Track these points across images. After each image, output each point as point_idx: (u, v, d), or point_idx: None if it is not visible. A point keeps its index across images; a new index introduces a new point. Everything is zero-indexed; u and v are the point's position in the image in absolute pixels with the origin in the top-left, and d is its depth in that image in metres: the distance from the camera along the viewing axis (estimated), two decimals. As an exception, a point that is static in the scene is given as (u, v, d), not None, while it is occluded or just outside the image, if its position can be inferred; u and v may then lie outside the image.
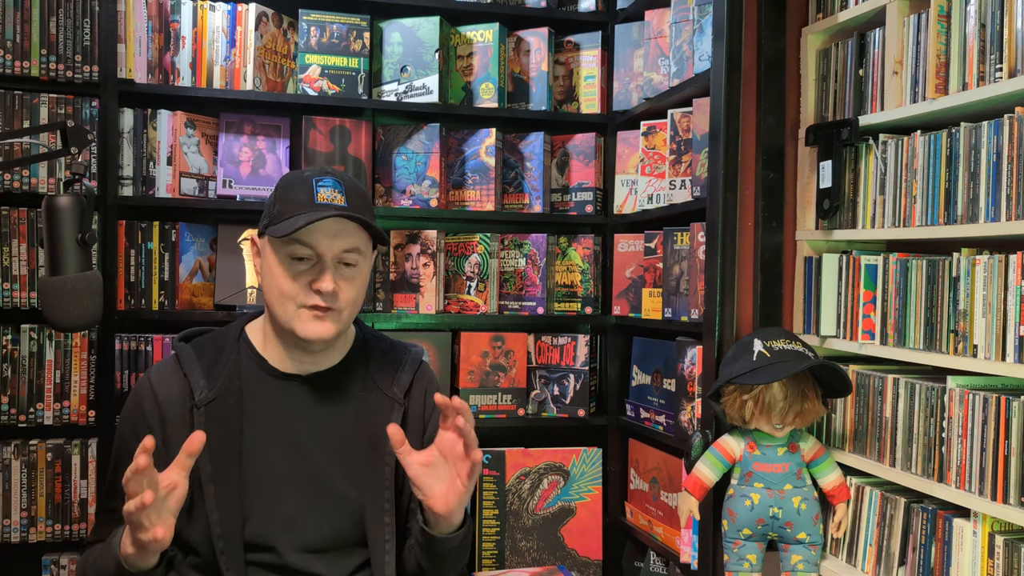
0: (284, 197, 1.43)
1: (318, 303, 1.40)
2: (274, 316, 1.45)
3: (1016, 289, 1.47)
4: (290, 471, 1.46)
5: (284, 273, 1.41)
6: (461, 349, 2.51)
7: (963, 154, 1.60)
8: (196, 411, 1.43)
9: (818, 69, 2.01)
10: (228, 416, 1.45)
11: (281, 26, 2.45)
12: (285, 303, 1.42)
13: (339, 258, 1.42)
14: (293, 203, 1.41)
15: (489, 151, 2.53)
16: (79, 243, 1.33)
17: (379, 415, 1.51)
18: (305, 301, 1.41)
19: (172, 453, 1.40)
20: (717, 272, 1.93)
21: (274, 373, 1.49)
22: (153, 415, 1.45)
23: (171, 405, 1.44)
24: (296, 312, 1.41)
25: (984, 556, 1.51)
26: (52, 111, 2.23)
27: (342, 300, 1.43)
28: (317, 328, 1.42)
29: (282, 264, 1.42)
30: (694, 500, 1.86)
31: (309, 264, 1.41)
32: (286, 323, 1.42)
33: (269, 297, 1.45)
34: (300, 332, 1.42)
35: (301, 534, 1.45)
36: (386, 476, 1.49)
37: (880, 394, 1.78)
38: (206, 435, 1.39)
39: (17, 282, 2.21)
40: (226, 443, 1.44)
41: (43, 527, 2.21)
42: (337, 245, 1.41)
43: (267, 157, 2.42)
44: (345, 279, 1.43)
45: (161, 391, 1.46)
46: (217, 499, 1.41)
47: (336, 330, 1.44)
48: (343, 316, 1.44)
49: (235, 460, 1.44)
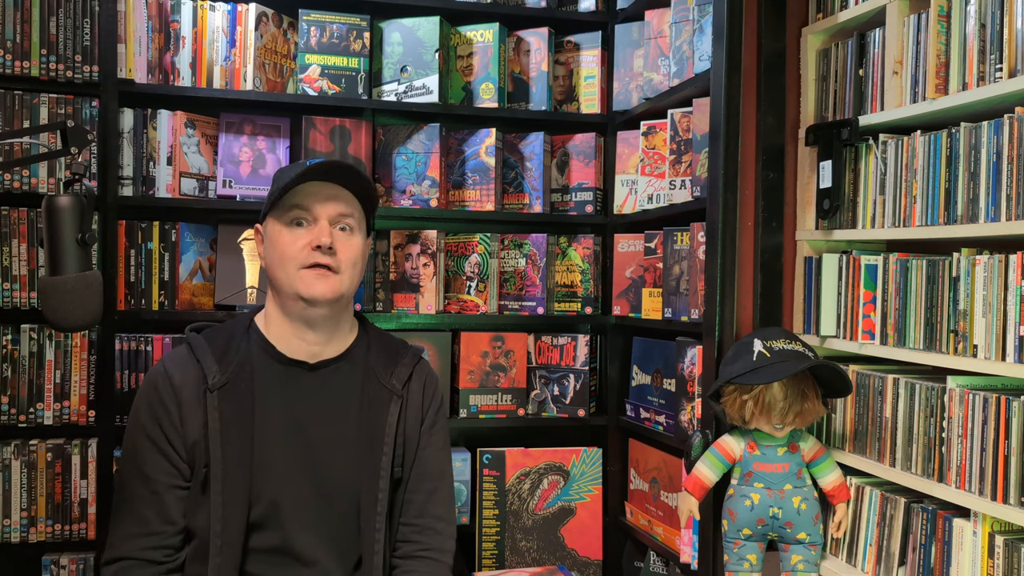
0: (278, 179, 1.54)
1: (319, 259, 1.47)
2: (278, 285, 1.50)
3: (1016, 289, 1.47)
4: (294, 456, 1.49)
5: (285, 239, 1.49)
6: (461, 349, 2.51)
7: (963, 154, 1.60)
8: (209, 395, 1.47)
9: (818, 69, 2.01)
10: (240, 400, 1.48)
11: (281, 26, 2.45)
12: (286, 265, 1.48)
13: (334, 220, 1.51)
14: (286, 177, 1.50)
15: (489, 151, 2.53)
16: (79, 243, 1.33)
17: (378, 406, 1.55)
18: (306, 261, 1.48)
19: (188, 435, 1.46)
20: (717, 272, 1.93)
21: (281, 359, 1.53)
22: (169, 396, 1.48)
23: (185, 388, 1.49)
24: (298, 273, 1.48)
25: (984, 556, 1.51)
26: (52, 111, 2.23)
27: (341, 258, 1.49)
28: (320, 286, 1.48)
29: (282, 231, 1.50)
30: (694, 500, 1.86)
31: (307, 228, 1.50)
32: (289, 287, 1.48)
33: (272, 266, 1.51)
34: (304, 292, 1.47)
35: (303, 519, 1.47)
36: (383, 466, 1.52)
37: (880, 394, 1.78)
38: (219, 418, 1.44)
39: (17, 282, 2.21)
40: (238, 426, 1.47)
41: (43, 527, 2.21)
42: (332, 208, 1.50)
43: (267, 157, 2.42)
44: (341, 240, 1.51)
45: (176, 375, 1.50)
46: (224, 482, 1.44)
47: (338, 288, 1.49)
48: (343, 278, 1.51)
49: (247, 443, 1.47)
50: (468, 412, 2.51)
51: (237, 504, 1.45)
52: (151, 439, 1.47)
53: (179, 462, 1.47)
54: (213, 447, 1.45)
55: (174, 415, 1.47)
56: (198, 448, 1.46)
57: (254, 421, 1.48)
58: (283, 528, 1.46)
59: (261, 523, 1.46)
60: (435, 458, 1.60)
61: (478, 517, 2.50)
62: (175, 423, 1.47)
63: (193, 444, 1.47)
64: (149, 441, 1.47)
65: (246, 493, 1.45)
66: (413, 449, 1.58)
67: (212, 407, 1.46)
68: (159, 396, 1.49)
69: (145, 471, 1.46)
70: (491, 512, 2.50)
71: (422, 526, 1.56)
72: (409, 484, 1.57)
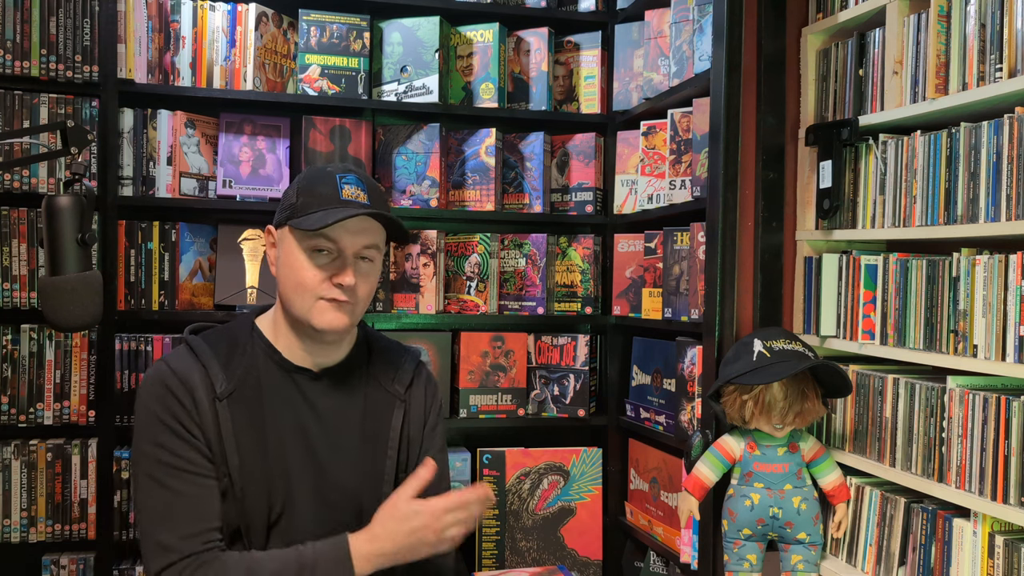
0: (308, 190, 1.45)
1: (337, 296, 1.44)
2: (290, 307, 1.47)
3: (1016, 289, 1.47)
4: (299, 464, 1.48)
5: (305, 265, 1.44)
6: (461, 349, 2.51)
7: (963, 154, 1.60)
8: (219, 403, 1.43)
9: (818, 69, 2.01)
10: (250, 408, 1.46)
11: (281, 26, 2.45)
12: (304, 294, 1.44)
13: (359, 253, 1.46)
14: (319, 197, 1.44)
15: (489, 151, 2.53)
16: (79, 243, 1.33)
17: (381, 411, 1.54)
18: (325, 294, 1.44)
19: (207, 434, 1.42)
20: (717, 272, 1.93)
21: (286, 366, 1.51)
22: (183, 393, 1.42)
23: (196, 390, 1.43)
24: (314, 303, 1.44)
25: (984, 556, 1.51)
26: (52, 111, 2.23)
27: (358, 294, 1.47)
28: (333, 319, 1.44)
29: (303, 256, 1.44)
30: (694, 500, 1.86)
31: (330, 258, 1.45)
32: (302, 314, 1.45)
33: (286, 288, 1.47)
34: (317, 323, 1.44)
35: (308, 526, 1.47)
36: (386, 471, 1.52)
37: (880, 394, 1.78)
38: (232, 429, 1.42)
39: (17, 282, 2.21)
40: (251, 435, 1.45)
41: (43, 527, 2.21)
42: (359, 241, 1.45)
43: (267, 157, 2.42)
44: (362, 274, 1.47)
45: (184, 375, 1.43)
46: (244, 490, 1.43)
47: (350, 322, 1.47)
48: (357, 309, 1.48)
49: (261, 451, 1.45)
50: (468, 412, 2.51)
51: (259, 511, 1.43)
52: (175, 432, 1.40)
53: (208, 453, 1.42)
54: (231, 455, 1.41)
55: (191, 411, 1.41)
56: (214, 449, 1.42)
57: (265, 429, 1.46)
58: (289, 535, 1.45)
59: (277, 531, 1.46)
60: (436, 459, 1.59)
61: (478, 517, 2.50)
62: (194, 418, 1.41)
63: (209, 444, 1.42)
64: (173, 434, 1.40)
65: (267, 499, 1.44)
66: (416, 452, 1.57)
67: (224, 416, 1.42)
68: (172, 392, 1.42)
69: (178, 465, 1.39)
70: (491, 512, 2.50)
71: None
72: None
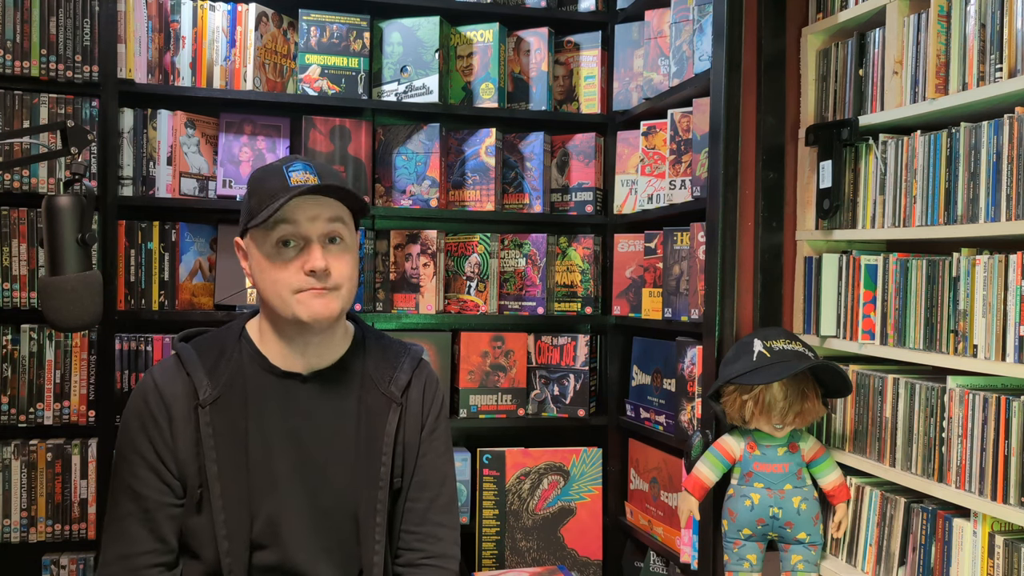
0: (258, 190, 1.43)
1: (313, 284, 1.40)
2: (272, 309, 1.44)
3: (1016, 289, 1.47)
4: (290, 471, 1.46)
5: (273, 263, 1.41)
6: (461, 349, 2.51)
7: (963, 154, 1.60)
8: (201, 410, 1.43)
9: (818, 69, 2.01)
10: (233, 414, 1.44)
11: (281, 26, 2.45)
12: (281, 291, 1.41)
13: (324, 234, 1.42)
14: (269, 192, 1.40)
15: (489, 151, 2.53)
16: (79, 243, 1.32)
17: (376, 414, 1.50)
18: (300, 285, 1.40)
19: (179, 450, 1.42)
20: (717, 272, 1.93)
21: (275, 371, 1.48)
22: (160, 411, 1.44)
23: (176, 402, 1.44)
24: (293, 298, 1.40)
25: (984, 556, 1.51)
26: (52, 111, 2.23)
27: (336, 276, 1.42)
28: (318, 308, 1.40)
29: (270, 255, 1.41)
30: (694, 500, 1.86)
31: (297, 248, 1.41)
32: (285, 311, 1.41)
33: (264, 291, 1.44)
34: (303, 315, 1.40)
35: (303, 534, 1.45)
36: (381, 476, 1.48)
37: (880, 394, 1.78)
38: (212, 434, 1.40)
39: (17, 282, 2.21)
40: (232, 441, 1.43)
41: (43, 527, 2.21)
42: (319, 221, 1.41)
43: (267, 157, 2.42)
44: (333, 255, 1.42)
45: (166, 389, 1.45)
46: (224, 498, 1.41)
47: (338, 307, 1.43)
48: (342, 293, 1.44)
49: (242, 459, 1.43)
50: (468, 412, 2.51)
51: (240, 520, 1.42)
52: (141, 455, 1.43)
53: (171, 479, 1.43)
54: (208, 463, 1.41)
55: (165, 430, 1.43)
56: (190, 465, 1.42)
57: (247, 435, 1.44)
58: (282, 545, 1.43)
59: (260, 541, 1.43)
60: (436, 464, 1.56)
61: (478, 517, 2.50)
62: (166, 438, 1.43)
63: (184, 460, 1.43)
64: (139, 457, 1.43)
65: (247, 508, 1.42)
66: (413, 457, 1.54)
67: (204, 423, 1.42)
68: (149, 410, 1.44)
69: (135, 488, 1.42)
70: (491, 512, 2.50)
71: (424, 533, 1.53)
72: (410, 492, 1.53)
